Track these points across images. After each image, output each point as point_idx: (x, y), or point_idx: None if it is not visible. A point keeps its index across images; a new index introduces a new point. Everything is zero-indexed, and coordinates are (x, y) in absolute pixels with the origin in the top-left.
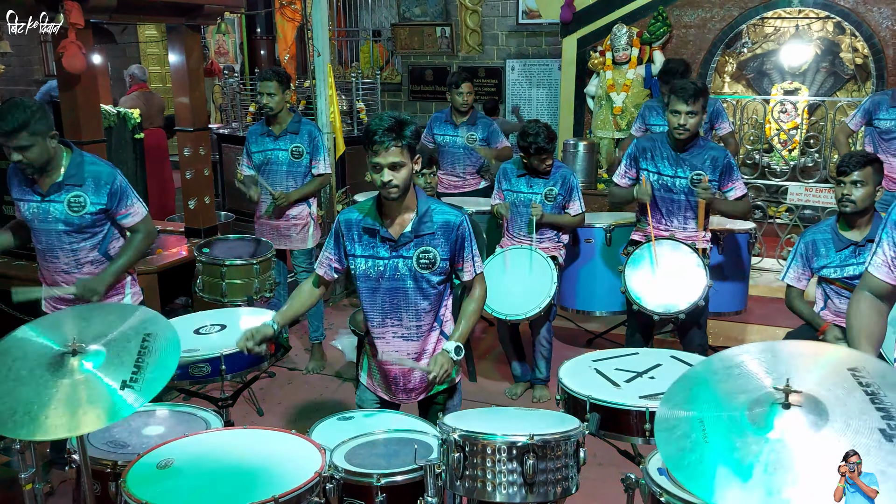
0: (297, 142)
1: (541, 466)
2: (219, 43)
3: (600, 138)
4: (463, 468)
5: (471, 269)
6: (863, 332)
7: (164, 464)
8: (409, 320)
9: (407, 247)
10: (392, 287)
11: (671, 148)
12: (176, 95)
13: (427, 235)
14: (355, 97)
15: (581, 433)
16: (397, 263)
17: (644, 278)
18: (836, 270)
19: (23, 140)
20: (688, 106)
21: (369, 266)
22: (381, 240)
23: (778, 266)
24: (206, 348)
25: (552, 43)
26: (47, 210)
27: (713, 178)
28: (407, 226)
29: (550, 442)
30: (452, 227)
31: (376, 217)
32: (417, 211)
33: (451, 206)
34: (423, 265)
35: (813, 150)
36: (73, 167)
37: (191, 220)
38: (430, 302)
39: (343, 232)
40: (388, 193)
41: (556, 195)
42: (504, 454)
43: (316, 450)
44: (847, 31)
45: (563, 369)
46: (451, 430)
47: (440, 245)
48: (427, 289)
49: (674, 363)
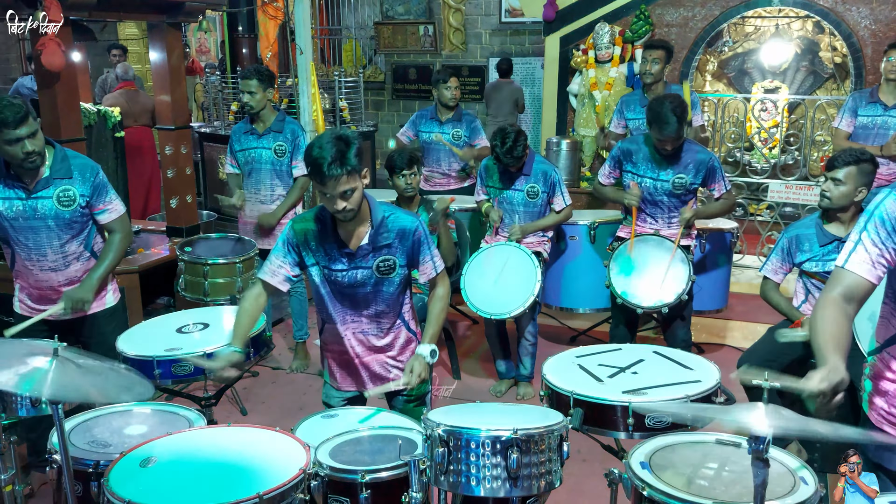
0: (281, 140)
1: (525, 460)
2: (200, 41)
3: (583, 136)
4: (447, 463)
5: (429, 270)
6: (831, 340)
7: (146, 462)
8: (370, 321)
9: (365, 258)
10: (352, 293)
11: (654, 150)
12: (157, 93)
13: (384, 247)
14: (338, 96)
15: (564, 427)
16: (356, 274)
17: (628, 273)
18: (819, 264)
19: (30, 125)
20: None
21: (327, 275)
22: (337, 252)
23: (759, 263)
24: (188, 347)
25: (535, 41)
26: (34, 207)
27: (694, 182)
28: (364, 238)
29: (534, 436)
30: (408, 232)
31: (332, 229)
32: (372, 222)
33: (404, 211)
34: (383, 271)
35: (793, 147)
36: (58, 161)
37: (173, 219)
38: (388, 304)
39: (297, 242)
40: (345, 217)
41: (538, 192)
42: (488, 448)
43: (300, 447)
44: (826, 30)
45: (546, 365)
46: (436, 426)
47: (398, 252)
48: (387, 291)
49: (656, 358)
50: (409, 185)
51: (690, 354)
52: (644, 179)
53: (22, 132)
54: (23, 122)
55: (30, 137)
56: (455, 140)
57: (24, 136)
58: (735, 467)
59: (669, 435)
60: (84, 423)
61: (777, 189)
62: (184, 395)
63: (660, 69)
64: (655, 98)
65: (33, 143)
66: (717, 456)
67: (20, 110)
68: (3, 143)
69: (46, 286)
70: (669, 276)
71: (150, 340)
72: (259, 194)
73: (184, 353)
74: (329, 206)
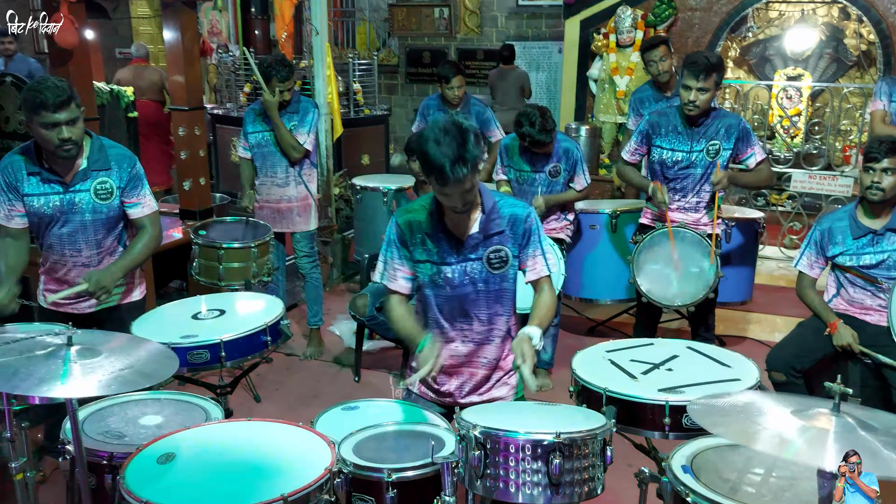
0: (295, 120)
1: (567, 466)
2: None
3: (602, 122)
4: (484, 467)
5: (539, 267)
6: None
7: (164, 458)
8: (481, 325)
9: (475, 248)
10: (462, 293)
11: (684, 122)
12: (170, 74)
13: (495, 234)
14: (352, 79)
15: (609, 431)
16: (465, 267)
17: (654, 269)
18: (852, 258)
19: (71, 112)
20: (698, 82)
21: (435, 272)
22: (446, 244)
23: (780, 254)
24: (204, 334)
25: (552, 25)
26: (72, 201)
27: (727, 147)
28: (473, 226)
29: (577, 440)
30: (520, 219)
31: (439, 219)
32: (483, 208)
33: (514, 198)
34: (495, 266)
35: (817, 136)
36: (95, 152)
37: (186, 202)
38: (502, 304)
39: (403, 237)
40: (464, 210)
41: (560, 170)
42: (528, 453)
43: (324, 443)
44: (852, 16)
45: (576, 360)
46: (472, 426)
47: (509, 241)
48: (499, 290)
49: (691, 354)
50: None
51: (726, 350)
52: (676, 153)
53: (61, 117)
54: (63, 107)
55: (68, 124)
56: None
57: (63, 122)
58: (783, 472)
59: (709, 437)
60: (98, 411)
61: (800, 179)
62: (199, 383)
63: (670, 63)
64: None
65: (71, 131)
66: (762, 460)
67: (62, 93)
68: (40, 126)
69: (74, 278)
70: (697, 273)
71: (165, 327)
72: (276, 177)
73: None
74: (447, 203)
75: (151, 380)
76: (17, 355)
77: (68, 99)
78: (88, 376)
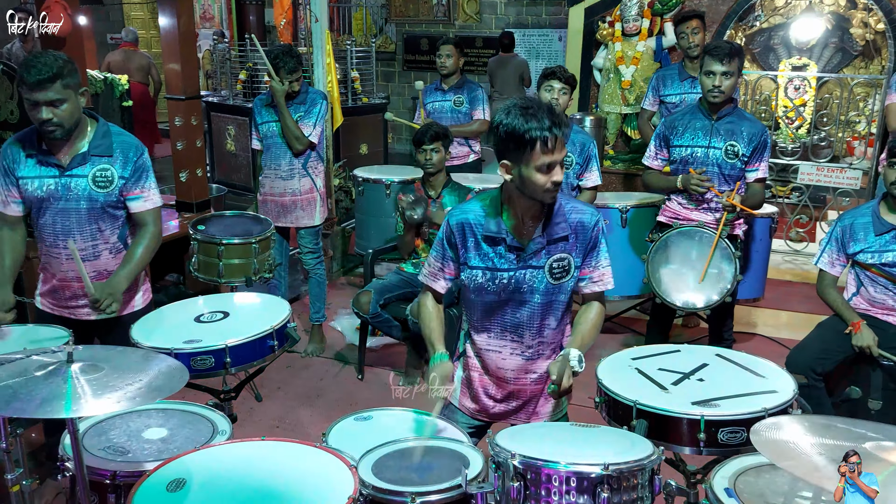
0: (301, 111)
1: (615, 500)
2: (204, 7)
3: (607, 113)
4: (523, 499)
5: (607, 279)
6: None
7: (175, 486)
8: (532, 338)
9: (537, 255)
10: (518, 301)
11: (705, 117)
12: (165, 62)
13: (560, 240)
14: (350, 66)
15: (658, 460)
16: (524, 275)
17: (669, 269)
18: (874, 256)
19: (54, 92)
20: (723, 66)
21: (488, 279)
22: (506, 248)
23: (786, 247)
24: (208, 339)
25: (553, 12)
26: (68, 186)
27: (745, 153)
28: (536, 229)
29: (625, 472)
30: (588, 227)
31: (500, 221)
32: (548, 208)
33: (580, 202)
34: (556, 276)
35: (825, 128)
36: (99, 136)
37: (182, 194)
38: (557, 318)
39: (454, 238)
40: (554, 192)
41: (572, 163)
42: (574, 486)
43: (345, 467)
44: (859, 5)
45: (601, 368)
46: (510, 455)
47: (574, 249)
48: (557, 302)
49: (721, 363)
50: (429, 160)
51: (758, 359)
52: (694, 150)
53: (39, 97)
54: (42, 86)
55: (51, 104)
56: (456, 106)
57: (42, 102)
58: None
59: (749, 455)
60: (98, 424)
61: (807, 171)
62: (202, 389)
63: (702, 37)
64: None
65: (53, 112)
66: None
67: (44, 72)
68: (26, 103)
69: (73, 277)
70: (713, 273)
71: (167, 331)
72: (279, 169)
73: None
74: (538, 182)
75: (161, 393)
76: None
77: (52, 78)
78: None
